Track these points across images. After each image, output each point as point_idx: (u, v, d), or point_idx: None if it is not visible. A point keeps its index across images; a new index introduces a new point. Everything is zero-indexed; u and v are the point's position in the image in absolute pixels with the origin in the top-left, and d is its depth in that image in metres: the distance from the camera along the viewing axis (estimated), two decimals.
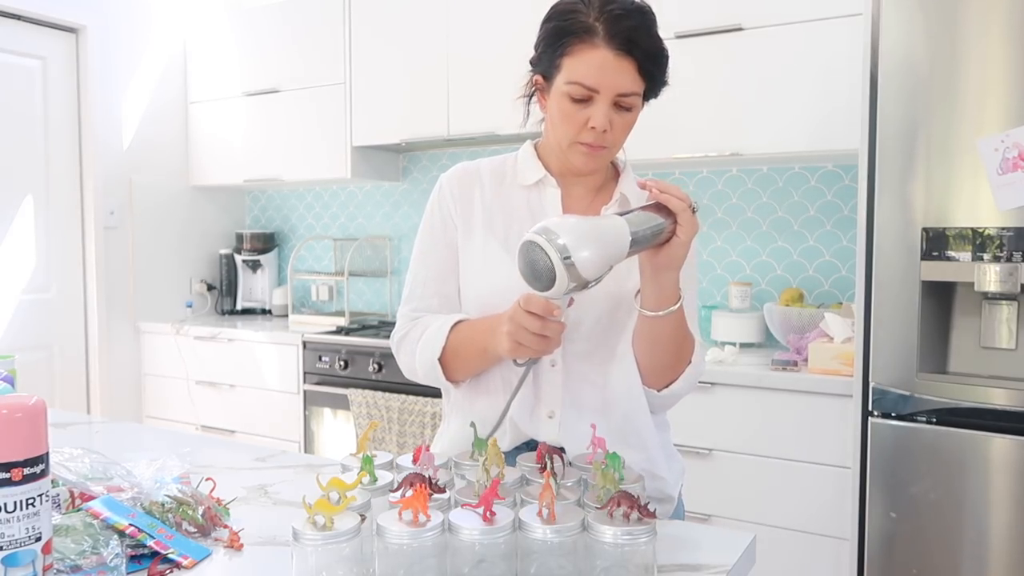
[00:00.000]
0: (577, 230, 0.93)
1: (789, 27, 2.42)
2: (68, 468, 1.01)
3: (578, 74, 1.11)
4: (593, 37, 1.10)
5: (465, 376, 1.22)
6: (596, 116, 1.12)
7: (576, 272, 0.92)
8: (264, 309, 3.88)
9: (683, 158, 2.62)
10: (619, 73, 1.10)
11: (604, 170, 1.27)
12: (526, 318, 1.01)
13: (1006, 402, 1.82)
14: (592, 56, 1.10)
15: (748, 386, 2.28)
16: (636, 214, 1.00)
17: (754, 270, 2.87)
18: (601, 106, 1.12)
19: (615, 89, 1.11)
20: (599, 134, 1.13)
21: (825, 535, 2.20)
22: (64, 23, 3.34)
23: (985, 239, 1.82)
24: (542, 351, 1.04)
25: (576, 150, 1.16)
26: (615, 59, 1.09)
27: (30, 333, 3.30)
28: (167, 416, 3.58)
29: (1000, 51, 1.80)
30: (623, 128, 1.16)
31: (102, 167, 3.46)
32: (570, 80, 1.12)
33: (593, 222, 0.96)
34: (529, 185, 1.24)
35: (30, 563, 0.77)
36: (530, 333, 1.01)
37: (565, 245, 0.91)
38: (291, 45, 3.44)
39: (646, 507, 0.83)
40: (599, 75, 1.10)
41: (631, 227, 0.97)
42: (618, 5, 1.10)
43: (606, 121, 1.12)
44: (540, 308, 1.00)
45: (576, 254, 0.92)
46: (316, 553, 0.79)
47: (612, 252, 0.95)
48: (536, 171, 1.24)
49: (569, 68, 1.12)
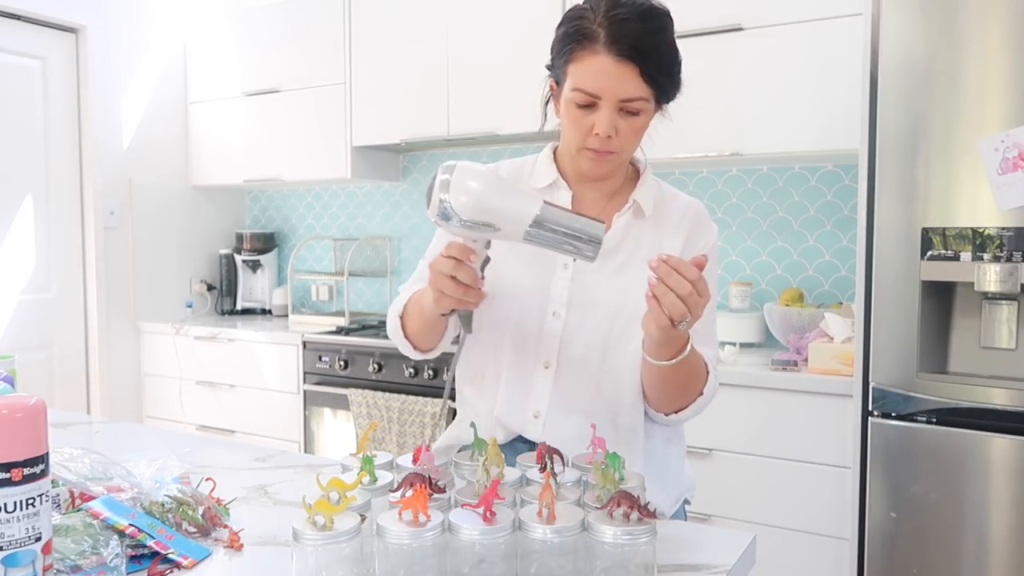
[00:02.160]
0: (476, 176, 0.97)
1: (789, 27, 2.42)
2: (68, 468, 1.01)
3: (580, 81, 1.11)
4: (594, 43, 1.09)
5: (421, 340, 1.24)
6: (600, 123, 1.12)
7: (445, 206, 0.97)
8: (264, 309, 3.88)
9: (683, 158, 2.62)
10: (620, 79, 1.09)
11: (620, 175, 1.26)
12: (442, 260, 1.02)
13: (1006, 402, 1.82)
14: (593, 63, 1.09)
15: (748, 386, 2.28)
16: (561, 211, 0.99)
17: (754, 270, 2.87)
18: (605, 112, 1.11)
19: (617, 95, 1.10)
20: (604, 140, 1.13)
21: (825, 535, 2.20)
22: (64, 23, 3.34)
23: (985, 239, 1.82)
24: (459, 299, 1.03)
25: (584, 155, 1.17)
26: (616, 65, 1.08)
27: (30, 333, 3.30)
28: (167, 416, 3.58)
29: (1000, 51, 1.80)
30: (631, 133, 1.15)
31: (102, 167, 3.46)
32: (574, 87, 1.12)
33: (504, 185, 1.00)
34: (542, 188, 1.25)
35: (30, 563, 0.77)
36: (446, 277, 1.01)
37: (449, 180, 0.97)
38: (291, 45, 3.44)
39: (646, 507, 0.83)
40: (600, 82, 1.10)
41: (542, 215, 0.98)
42: (625, 9, 1.09)
43: (610, 127, 1.12)
44: (455, 250, 1.01)
45: (454, 191, 0.96)
46: (316, 553, 0.79)
47: (496, 213, 0.98)
48: (549, 174, 1.25)
49: (573, 75, 1.12)
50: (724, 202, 2.90)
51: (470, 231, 0.99)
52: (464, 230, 0.99)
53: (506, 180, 1.01)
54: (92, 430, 1.64)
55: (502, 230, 0.99)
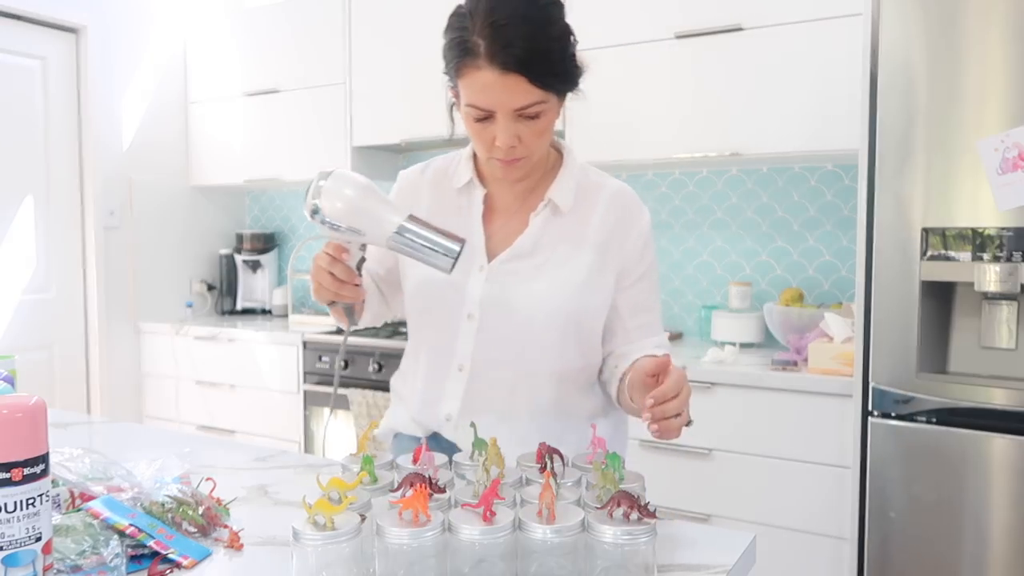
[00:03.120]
0: (349, 184, 1.05)
1: (789, 27, 2.42)
2: (68, 468, 1.01)
3: (471, 97, 1.09)
4: (476, 59, 1.05)
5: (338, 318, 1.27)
6: (500, 135, 1.10)
7: (317, 209, 1.05)
8: (264, 309, 3.88)
9: (683, 158, 2.62)
10: (509, 92, 1.06)
11: (538, 169, 1.24)
12: (321, 255, 1.08)
13: (1006, 402, 1.82)
14: (478, 78, 1.06)
15: (748, 386, 2.28)
16: (423, 226, 1.05)
17: (754, 270, 2.87)
18: (502, 123, 1.09)
19: (510, 106, 1.08)
20: (508, 150, 1.12)
21: (825, 535, 2.20)
22: (64, 23, 3.34)
23: (985, 239, 1.82)
24: (335, 293, 1.08)
25: (493, 164, 1.17)
26: (501, 79, 1.05)
27: (30, 333, 3.30)
28: (167, 416, 3.58)
29: (1000, 51, 1.80)
30: (535, 136, 1.13)
31: (102, 167, 3.46)
32: (467, 103, 1.11)
33: (375, 196, 1.07)
34: (459, 187, 1.26)
35: (30, 563, 0.77)
36: (323, 270, 1.07)
37: (323, 186, 1.05)
38: (291, 45, 3.44)
39: (646, 507, 0.83)
40: (489, 97, 1.07)
41: (404, 226, 1.05)
42: (502, 11, 1.05)
43: (511, 138, 1.10)
44: (332, 247, 1.07)
45: (326, 196, 1.04)
46: (316, 553, 0.79)
47: (363, 221, 1.05)
48: (466, 174, 1.26)
49: (464, 90, 1.10)
50: (724, 202, 2.90)
51: (339, 234, 1.06)
52: (333, 232, 1.06)
53: (379, 192, 1.05)
54: (92, 430, 1.64)
55: (367, 235, 1.06)
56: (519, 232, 1.22)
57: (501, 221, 1.25)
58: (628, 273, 1.24)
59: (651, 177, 3.03)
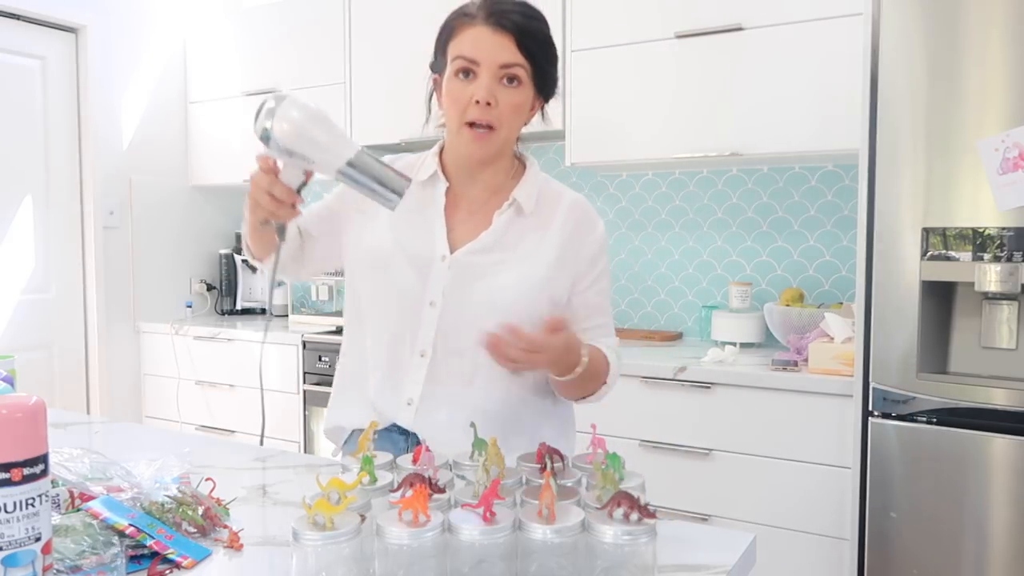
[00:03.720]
0: (300, 109, 1.02)
1: (789, 27, 2.42)
2: (68, 468, 1.01)
3: (460, 49, 1.19)
4: (472, 19, 1.19)
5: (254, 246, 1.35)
6: (479, 89, 1.17)
7: (267, 131, 1.02)
8: (264, 309, 3.88)
9: (683, 158, 2.62)
10: (497, 46, 1.17)
11: (503, 167, 1.30)
12: (260, 175, 1.07)
13: (1006, 402, 1.82)
14: (470, 32, 1.18)
15: (748, 386, 2.28)
16: (374, 161, 1.05)
17: (754, 270, 2.87)
18: (484, 79, 1.17)
19: (495, 60, 1.17)
20: (484, 109, 1.18)
21: (825, 535, 2.20)
22: (64, 23, 3.34)
23: (985, 239, 1.82)
24: (272, 211, 1.08)
25: (464, 135, 1.21)
26: (492, 33, 1.17)
27: (30, 333, 3.30)
28: (167, 416, 3.58)
29: (1000, 51, 1.80)
30: (510, 107, 1.20)
31: (102, 167, 3.46)
32: (454, 56, 1.19)
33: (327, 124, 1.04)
34: (424, 180, 1.30)
35: (30, 563, 0.76)
36: (262, 190, 1.07)
37: (275, 109, 1.01)
38: (291, 45, 3.44)
39: (646, 507, 0.83)
40: (478, 47, 1.17)
41: (355, 159, 1.03)
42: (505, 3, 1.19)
43: (489, 94, 1.17)
44: (266, 166, 1.06)
45: (278, 119, 1.01)
46: (316, 553, 0.79)
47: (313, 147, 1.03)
48: (431, 167, 1.30)
49: (453, 48, 1.20)
50: (724, 202, 2.90)
51: (287, 158, 1.04)
52: (282, 155, 1.04)
53: (331, 120, 1.05)
54: (92, 430, 1.64)
55: (316, 163, 1.04)
56: (482, 228, 1.27)
57: (463, 216, 1.29)
58: (583, 277, 1.30)
59: (651, 177, 3.03)
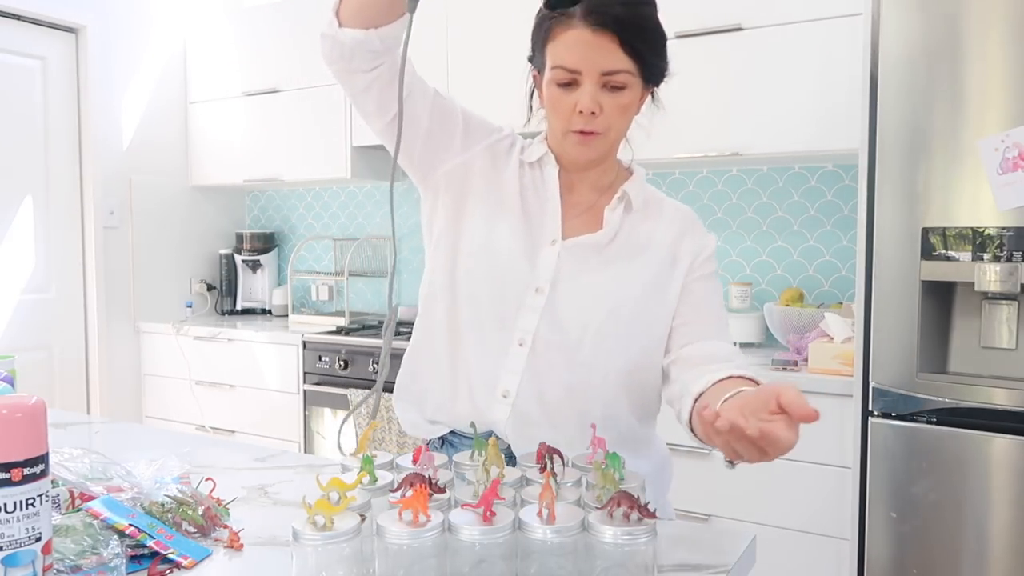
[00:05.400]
0: None
1: (789, 27, 2.42)
2: (68, 468, 1.01)
3: (559, 57, 1.07)
4: (571, 17, 1.05)
5: (354, 8, 1.15)
6: (582, 99, 1.07)
7: None
8: (264, 309, 3.88)
9: (683, 158, 2.62)
10: (599, 50, 1.05)
11: (611, 168, 1.22)
12: None
13: (1006, 402, 1.82)
14: (570, 36, 1.06)
15: None
16: None
17: (754, 270, 2.87)
18: (587, 87, 1.07)
19: (598, 67, 1.06)
20: (588, 118, 1.08)
21: (825, 535, 2.20)
22: (64, 23, 3.34)
23: (985, 239, 1.82)
24: None
25: (569, 140, 1.13)
26: (593, 36, 1.04)
27: (30, 333, 3.30)
28: (167, 416, 3.58)
29: (1000, 51, 1.80)
30: (616, 111, 1.10)
31: (102, 167, 3.46)
32: (553, 65, 1.08)
33: None
34: (532, 162, 1.22)
35: (30, 563, 0.76)
36: None
37: None
38: (291, 45, 3.44)
39: (646, 507, 0.83)
40: (578, 54, 1.06)
41: None
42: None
43: (592, 103, 1.07)
44: None
45: None
46: (316, 553, 0.79)
47: None
48: (540, 149, 1.21)
49: (552, 54, 1.08)
50: (724, 202, 2.90)
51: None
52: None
53: None
54: (92, 430, 1.64)
55: None
56: (592, 221, 1.19)
57: (573, 212, 1.20)
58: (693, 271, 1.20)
59: (651, 177, 3.02)
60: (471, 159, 1.21)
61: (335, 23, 1.16)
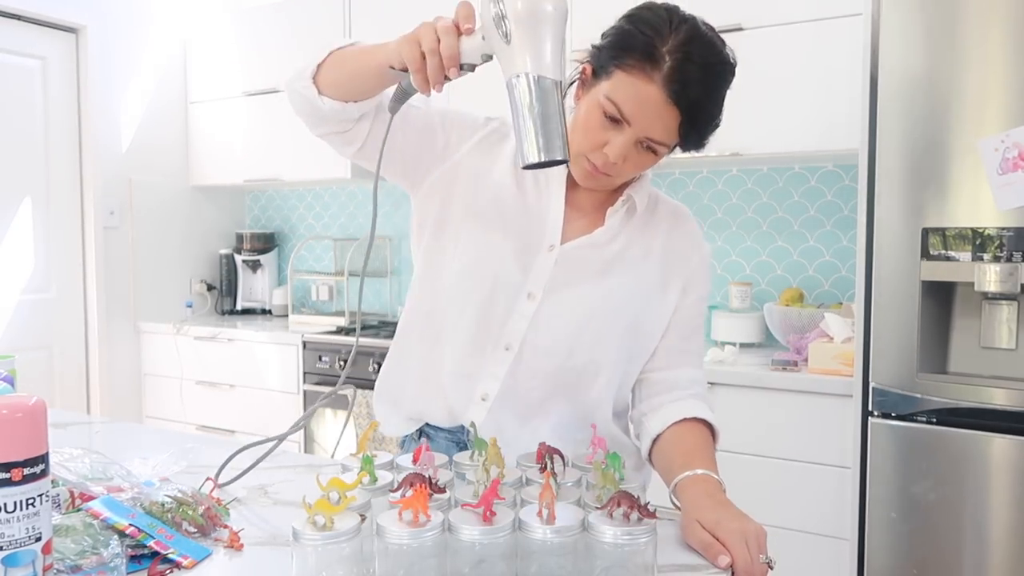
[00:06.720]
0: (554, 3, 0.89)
1: (789, 27, 2.42)
2: (68, 468, 1.01)
3: (620, 95, 1.02)
4: (655, 69, 1.00)
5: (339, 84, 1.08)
6: (614, 146, 1.05)
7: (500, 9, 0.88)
8: (264, 309, 3.88)
9: (683, 158, 2.60)
10: (658, 119, 1.02)
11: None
12: (444, 25, 0.96)
13: (1006, 402, 1.82)
14: (642, 88, 1.01)
15: (748, 386, 2.28)
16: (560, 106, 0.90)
17: (754, 270, 2.87)
18: (626, 138, 1.04)
19: (647, 131, 1.04)
20: (609, 163, 1.07)
21: (825, 535, 2.20)
22: (64, 23, 3.33)
23: (985, 239, 1.82)
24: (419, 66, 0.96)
25: (580, 164, 1.10)
26: (663, 103, 1.01)
27: (30, 333, 3.30)
28: (167, 416, 3.58)
29: (1000, 51, 1.80)
30: (637, 167, 1.10)
31: (102, 167, 3.46)
32: (611, 95, 1.03)
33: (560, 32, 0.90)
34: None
35: (30, 563, 0.76)
36: (433, 31, 0.96)
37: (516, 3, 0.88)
38: (291, 45, 3.44)
39: (646, 507, 0.83)
40: (638, 110, 1.02)
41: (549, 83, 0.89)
42: (697, 51, 1.01)
43: (620, 155, 1.05)
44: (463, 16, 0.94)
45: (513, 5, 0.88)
46: (316, 553, 0.79)
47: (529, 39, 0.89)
48: None
49: (616, 82, 1.03)
50: (724, 202, 2.90)
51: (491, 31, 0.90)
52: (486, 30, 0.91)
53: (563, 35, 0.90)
54: (92, 430, 1.64)
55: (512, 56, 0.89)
56: (594, 224, 1.18)
57: (575, 214, 1.18)
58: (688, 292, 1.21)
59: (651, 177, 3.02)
60: (459, 161, 1.19)
61: (313, 88, 1.10)
